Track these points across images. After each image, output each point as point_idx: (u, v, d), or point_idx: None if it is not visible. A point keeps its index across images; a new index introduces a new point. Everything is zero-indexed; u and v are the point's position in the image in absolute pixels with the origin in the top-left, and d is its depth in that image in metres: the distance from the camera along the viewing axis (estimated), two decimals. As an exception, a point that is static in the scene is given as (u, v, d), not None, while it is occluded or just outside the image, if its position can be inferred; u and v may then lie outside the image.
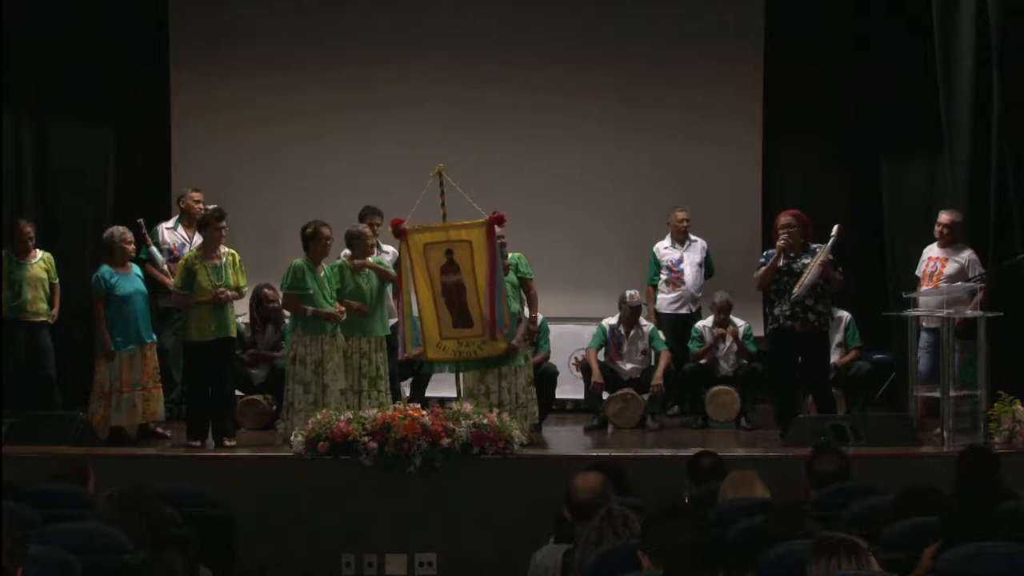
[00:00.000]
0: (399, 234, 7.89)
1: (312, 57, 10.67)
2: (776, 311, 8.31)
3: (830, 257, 8.22)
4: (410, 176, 8.63)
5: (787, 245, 8.26)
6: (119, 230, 8.42)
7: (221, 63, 10.79)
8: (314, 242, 8.21)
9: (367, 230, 8.66)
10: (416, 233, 7.87)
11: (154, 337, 8.43)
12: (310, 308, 8.07)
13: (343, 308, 8.21)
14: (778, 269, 8.29)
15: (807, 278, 8.10)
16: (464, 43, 10.72)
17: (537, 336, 8.94)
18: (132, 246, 8.46)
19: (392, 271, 8.53)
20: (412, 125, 10.56)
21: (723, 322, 9.40)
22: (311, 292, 8.12)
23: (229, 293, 8.06)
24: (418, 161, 8.77)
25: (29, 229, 8.94)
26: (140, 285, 8.38)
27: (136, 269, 8.47)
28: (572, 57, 10.70)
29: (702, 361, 9.40)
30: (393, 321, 8.59)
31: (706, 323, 9.51)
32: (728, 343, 9.40)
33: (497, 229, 7.85)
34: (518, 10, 10.80)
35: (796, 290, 8.11)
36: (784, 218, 8.40)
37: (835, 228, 8.26)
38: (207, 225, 8.16)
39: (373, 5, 10.84)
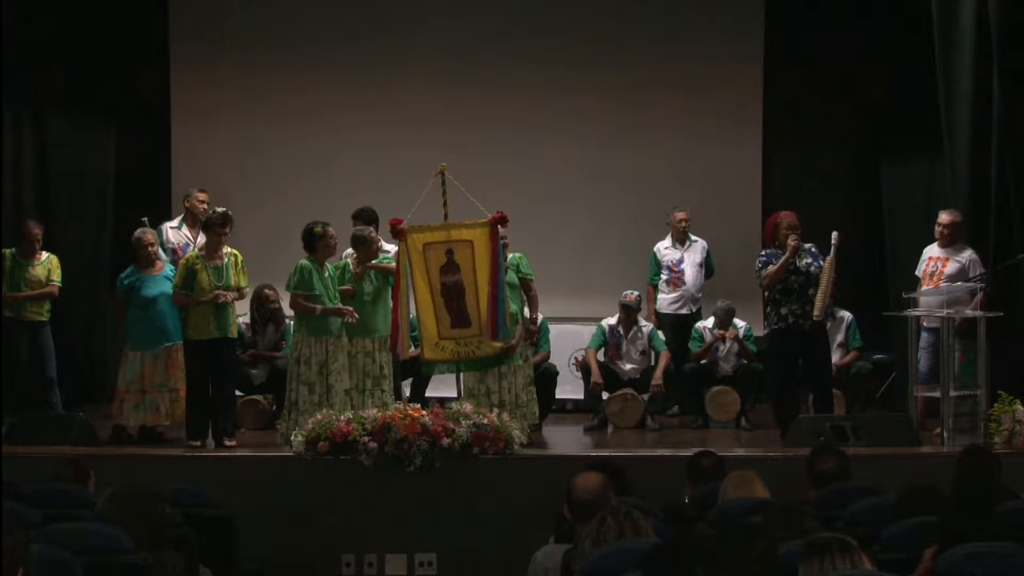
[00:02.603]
0: (397, 234, 7.87)
1: (312, 57, 10.68)
2: (783, 310, 8.29)
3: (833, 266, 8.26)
4: (410, 176, 8.63)
5: (799, 245, 8.26)
6: (140, 232, 8.39)
7: (221, 63, 10.81)
8: (323, 242, 8.20)
9: (373, 234, 8.63)
10: (415, 233, 7.81)
11: (180, 340, 8.24)
12: (319, 307, 8.07)
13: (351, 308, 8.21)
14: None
15: (825, 299, 8.17)
16: (464, 43, 10.73)
17: (537, 336, 8.94)
18: (154, 248, 8.39)
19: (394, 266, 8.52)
20: (412, 125, 10.57)
21: (723, 324, 9.41)
22: (317, 293, 8.11)
23: (227, 295, 8.04)
24: (419, 161, 8.76)
25: (37, 231, 8.92)
26: (167, 287, 8.24)
27: (168, 270, 8.36)
28: (572, 57, 10.70)
29: (702, 361, 9.40)
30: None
31: (706, 323, 9.51)
32: (728, 344, 9.40)
33: (500, 229, 7.82)
34: (518, 10, 10.81)
35: (817, 314, 8.17)
36: (789, 218, 8.39)
37: (835, 235, 8.26)
38: (210, 227, 8.16)
39: (373, 5, 10.85)
